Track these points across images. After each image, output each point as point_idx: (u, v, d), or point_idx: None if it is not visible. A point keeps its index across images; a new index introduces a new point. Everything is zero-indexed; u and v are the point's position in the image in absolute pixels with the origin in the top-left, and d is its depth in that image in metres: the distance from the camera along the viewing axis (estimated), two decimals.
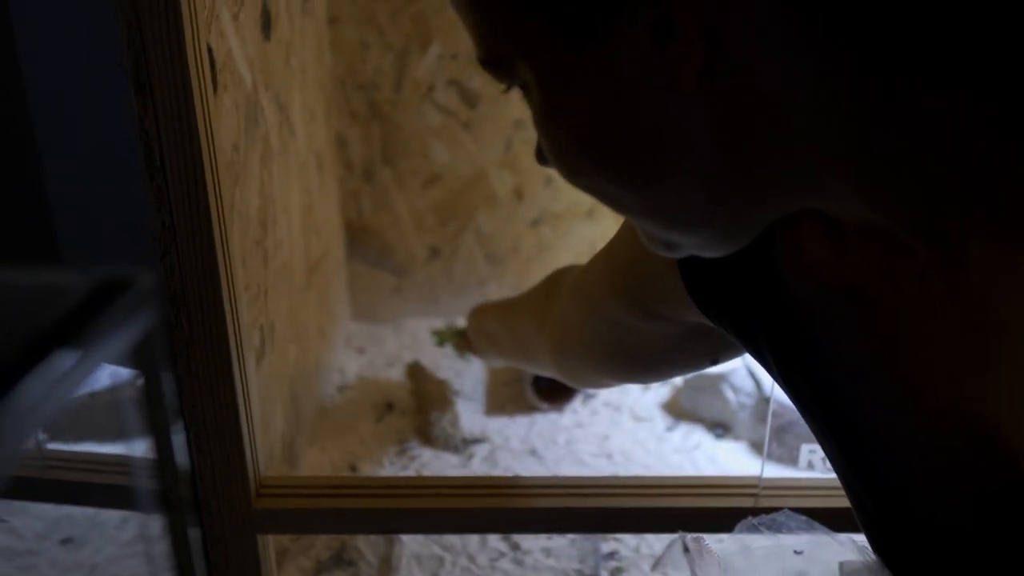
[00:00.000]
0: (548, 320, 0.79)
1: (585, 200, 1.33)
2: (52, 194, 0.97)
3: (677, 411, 1.20)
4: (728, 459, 1.11)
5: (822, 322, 0.48)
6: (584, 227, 1.36)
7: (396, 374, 1.30)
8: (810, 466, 0.79)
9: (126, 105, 0.64)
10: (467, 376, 1.28)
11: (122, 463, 0.82)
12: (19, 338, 0.26)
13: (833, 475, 0.80)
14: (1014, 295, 0.37)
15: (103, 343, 0.27)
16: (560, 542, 0.97)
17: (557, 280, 0.82)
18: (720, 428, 1.16)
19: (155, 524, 0.86)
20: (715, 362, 0.68)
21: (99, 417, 1.07)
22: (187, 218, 0.67)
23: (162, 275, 0.66)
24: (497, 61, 0.43)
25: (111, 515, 1.02)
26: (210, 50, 0.68)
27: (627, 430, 1.17)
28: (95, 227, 0.99)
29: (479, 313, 1.06)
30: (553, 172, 0.45)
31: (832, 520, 0.77)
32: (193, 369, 0.70)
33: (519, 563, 0.95)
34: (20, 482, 0.82)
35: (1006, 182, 0.36)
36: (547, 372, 0.88)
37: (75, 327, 0.28)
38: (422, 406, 1.18)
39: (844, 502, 0.77)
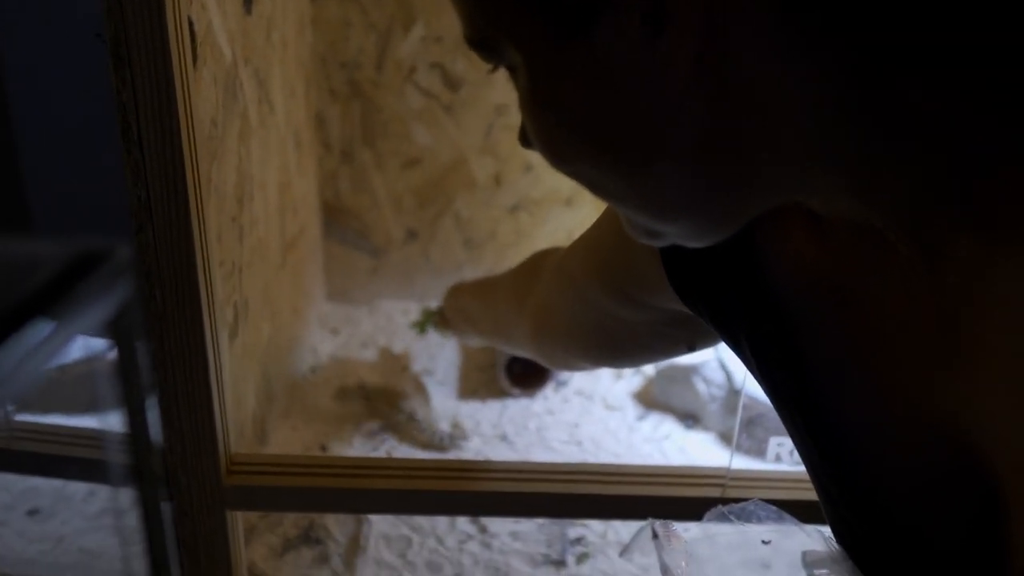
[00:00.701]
0: (528, 301, 0.79)
1: (564, 187, 1.34)
2: (28, 167, 0.96)
3: (648, 401, 1.21)
4: (697, 450, 1.12)
5: (803, 316, 0.48)
6: (562, 214, 1.36)
7: (370, 355, 1.30)
8: (778, 459, 0.80)
9: (105, 78, 0.63)
10: (440, 359, 1.29)
11: (93, 436, 0.82)
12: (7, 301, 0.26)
13: (800, 468, 0.81)
14: (993, 297, 0.37)
15: (78, 314, 0.27)
16: (528, 526, 0.98)
17: (538, 262, 0.82)
18: (690, 419, 1.17)
19: (123, 497, 0.86)
20: (692, 349, 0.68)
21: (70, 390, 1.06)
22: (163, 193, 0.66)
23: (137, 249, 0.65)
24: (484, 42, 0.42)
25: (78, 488, 1.01)
26: (191, 23, 0.67)
27: (598, 418, 1.18)
28: (71, 201, 0.98)
29: (457, 292, 1.05)
30: (534, 158, 0.45)
31: (799, 512, 0.78)
32: (166, 344, 0.70)
33: (487, 546, 0.95)
34: None
35: (992, 181, 0.37)
36: (525, 353, 0.88)
37: (50, 298, 0.28)
38: (391, 399, 1.17)
39: (811, 495, 0.77)
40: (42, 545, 0.95)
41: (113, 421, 0.78)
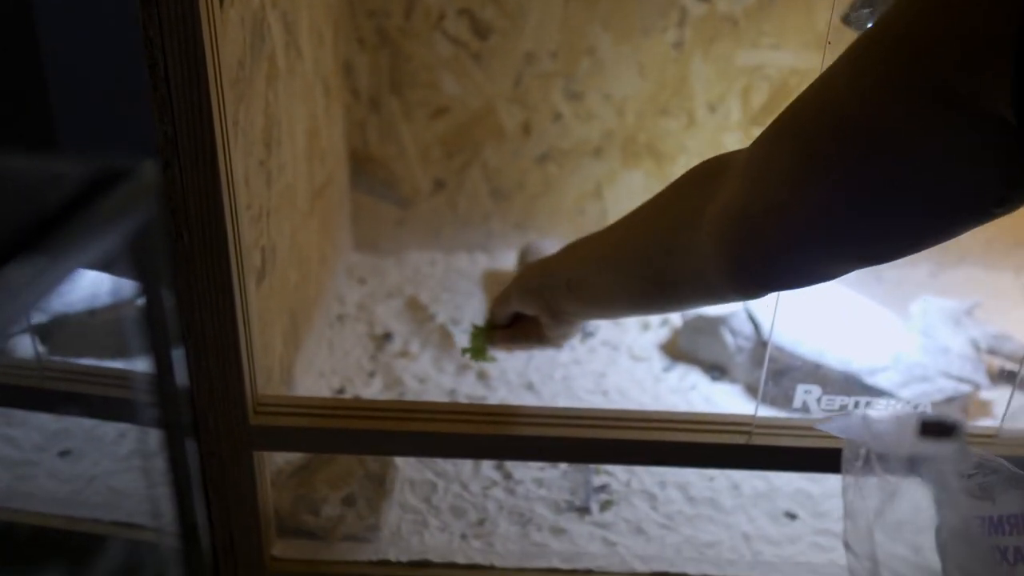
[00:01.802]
0: (706, 212, 0.61)
1: (593, 137, 1.32)
2: (56, 95, 0.95)
3: (674, 352, 1.21)
4: (723, 401, 1.12)
5: None
6: (591, 165, 1.35)
7: (396, 305, 1.30)
8: (804, 407, 0.80)
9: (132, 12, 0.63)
10: (466, 309, 1.29)
11: (121, 376, 0.83)
12: (16, 221, 0.26)
13: (826, 416, 0.81)
14: None
15: (98, 232, 0.27)
16: (552, 473, 0.98)
17: (707, 171, 0.64)
18: (717, 371, 1.17)
19: (152, 439, 0.87)
20: (1002, 202, 0.51)
21: (99, 334, 1.08)
22: (190, 131, 0.66)
23: (164, 187, 0.65)
24: None
25: (108, 429, 1.03)
26: None
27: (624, 369, 1.17)
28: (100, 131, 0.98)
29: (544, 267, 0.80)
30: (563, 107, 0.41)
31: (824, 461, 0.78)
32: (193, 284, 0.70)
33: (511, 492, 0.96)
34: (18, 392, 0.83)
35: None
36: (690, 292, 0.66)
37: (71, 213, 0.27)
38: None
39: (835, 443, 0.77)
40: (73, 485, 0.97)
41: (142, 363, 0.79)
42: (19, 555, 0.92)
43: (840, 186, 0.52)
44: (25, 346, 1.01)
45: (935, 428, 0.57)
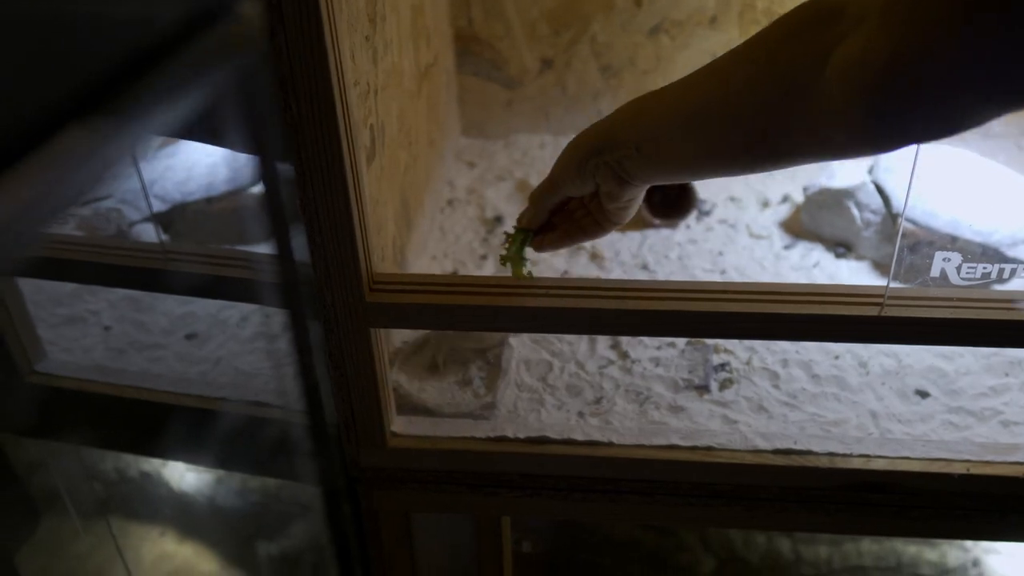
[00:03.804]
0: (831, 61, 0.55)
1: (708, 5, 1.25)
2: None
3: (796, 229, 1.16)
4: (850, 279, 1.07)
5: None
6: (707, 36, 1.28)
7: (506, 188, 1.28)
8: (943, 276, 0.75)
9: None
10: None
11: (243, 258, 0.84)
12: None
13: (966, 285, 0.76)
14: None
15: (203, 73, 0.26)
16: (669, 353, 0.96)
17: (816, 15, 0.57)
18: (842, 247, 1.11)
19: (275, 321, 0.88)
20: None
21: (218, 221, 1.10)
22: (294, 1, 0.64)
23: (271, 56, 0.64)
24: None
25: (232, 313, 1.05)
26: None
27: (742, 247, 1.13)
28: None
29: (609, 132, 0.71)
30: None
31: (962, 333, 0.73)
32: (304, 157, 0.69)
33: (627, 371, 0.94)
34: (143, 274, 0.85)
35: None
36: (798, 144, 0.61)
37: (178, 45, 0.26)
38: None
39: (975, 314, 0.73)
40: (200, 366, 1.00)
41: (263, 247, 0.80)
42: (153, 432, 0.96)
43: (1015, 26, 0.45)
44: (148, 232, 1.03)
45: None
